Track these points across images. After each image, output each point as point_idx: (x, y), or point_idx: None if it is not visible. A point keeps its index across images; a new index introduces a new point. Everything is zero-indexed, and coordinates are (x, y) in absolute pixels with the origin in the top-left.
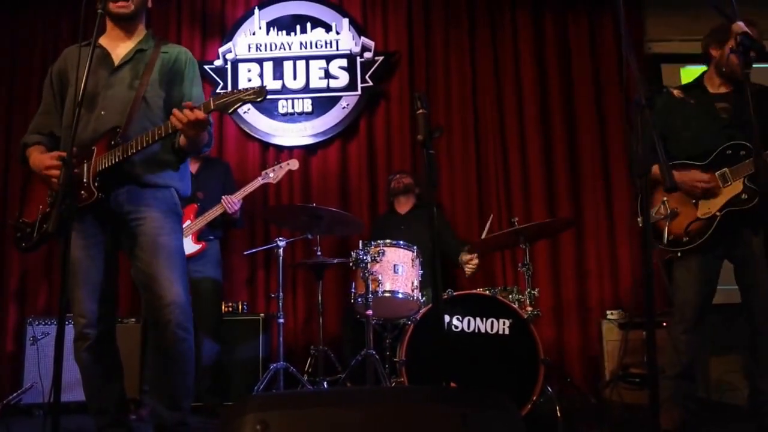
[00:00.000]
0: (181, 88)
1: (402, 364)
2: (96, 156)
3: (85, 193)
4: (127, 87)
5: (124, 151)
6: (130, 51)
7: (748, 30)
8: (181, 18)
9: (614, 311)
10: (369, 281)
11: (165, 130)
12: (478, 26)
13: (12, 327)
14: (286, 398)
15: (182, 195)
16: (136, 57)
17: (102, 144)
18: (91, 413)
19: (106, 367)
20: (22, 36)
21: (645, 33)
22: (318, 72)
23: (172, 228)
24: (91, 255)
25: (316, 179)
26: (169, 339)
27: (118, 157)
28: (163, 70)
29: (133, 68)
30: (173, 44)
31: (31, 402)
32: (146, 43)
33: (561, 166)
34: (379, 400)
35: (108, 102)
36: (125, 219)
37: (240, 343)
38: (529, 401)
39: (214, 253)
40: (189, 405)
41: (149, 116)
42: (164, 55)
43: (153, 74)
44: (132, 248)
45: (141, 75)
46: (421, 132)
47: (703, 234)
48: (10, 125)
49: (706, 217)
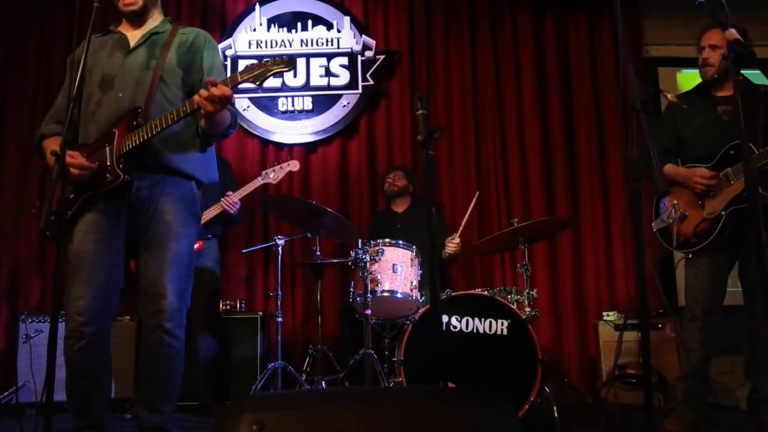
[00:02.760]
0: (201, 67)
1: (400, 364)
2: (118, 138)
3: (110, 176)
4: (144, 67)
5: (148, 130)
6: (145, 34)
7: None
8: (181, 13)
9: (611, 312)
10: (368, 281)
11: (190, 107)
12: (478, 27)
13: (4, 324)
14: (282, 398)
15: (205, 182)
16: (151, 39)
17: (123, 126)
18: (71, 411)
19: (97, 369)
20: (17, 26)
21: (643, 36)
22: (319, 70)
23: (186, 233)
24: (100, 249)
25: (316, 177)
26: (155, 343)
27: (142, 137)
28: (181, 49)
29: (148, 49)
30: (192, 27)
31: (23, 401)
32: (162, 26)
33: (560, 167)
34: (374, 401)
35: (125, 83)
36: (141, 213)
37: (238, 341)
38: (527, 401)
39: (212, 251)
40: (171, 409)
41: (168, 96)
42: (182, 35)
43: (170, 54)
44: (140, 246)
45: (158, 55)
46: (421, 133)
47: (710, 233)
48: (4, 116)
49: (711, 216)
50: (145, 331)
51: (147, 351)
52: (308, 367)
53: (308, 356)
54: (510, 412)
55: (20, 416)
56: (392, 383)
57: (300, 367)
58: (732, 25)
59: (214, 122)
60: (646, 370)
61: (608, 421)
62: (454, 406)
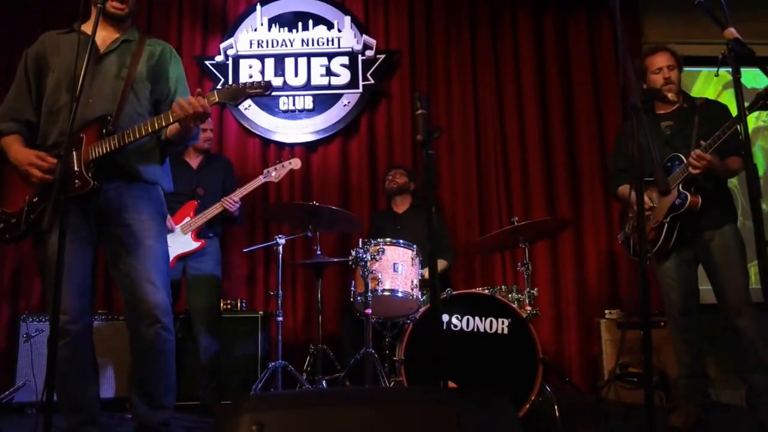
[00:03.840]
0: (167, 83)
1: (401, 363)
2: (86, 144)
3: (78, 182)
4: (115, 76)
5: (120, 139)
6: (116, 40)
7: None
8: (183, 12)
9: (612, 311)
10: (368, 280)
11: (166, 120)
12: (478, 26)
13: (5, 324)
14: (281, 398)
15: (167, 191)
16: (122, 47)
17: (92, 132)
18: (63, 411)
19: (83, 364)
20: (19, 27)
21: (642, 36)
22: (319, 69)
23: (159, 230)
24: (73, 249)
25: (316, 176)
26: (153, 339)
27: (114, 145)
28: (150, 62)
29: (119, 57)
30: (157, 39)
31: (23, 400)
32: (131, 34)
33: (560, 166)
34: (374, 401)
35: (95, 90)
36: (112, 216)
37: (239, 341)
38: (528, 400)
39: (213, 251)
40: (172, 403)
41: (137, 107)
42: (149, 47)
43: (140, 66)
44: (117, 248)
45: (129, 65)
46: (421, 132)
47: (657, 241)
48: None
49: (656, 225)
50: (138, 330)
51: (145, 348)
52: (309, 366)
53: (309, 355)
54: (510, 411)
55: (21, 415)
56: (393, 382)
57: (300, 367)
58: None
59: (186, 134)
60: (647, 368)
61: (609, 420)
62: (454, 405)
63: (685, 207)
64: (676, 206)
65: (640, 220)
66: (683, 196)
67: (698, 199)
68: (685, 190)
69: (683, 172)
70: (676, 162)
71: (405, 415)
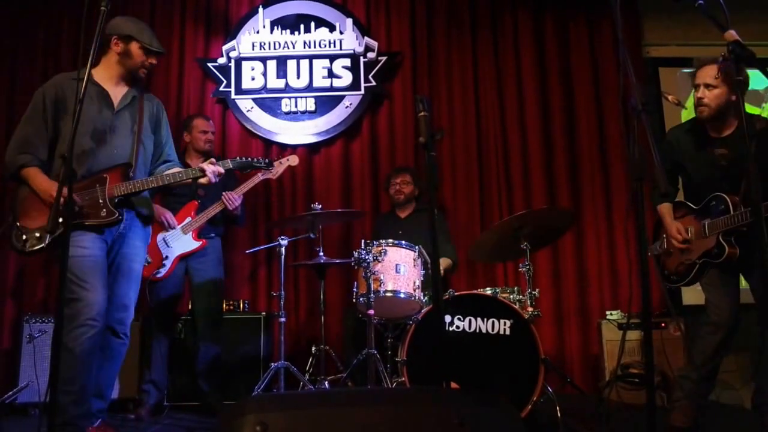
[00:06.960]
0: (159, 135)
1: (403, 364)
2: (110, 183)
3: (105, 211)
4: (129, 130)
5: (143, 184)
6: (126, 95)
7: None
8: (185, 15)
9: (614, 312)
10: (371, 281)
11: (187, 176)
12: (479, 28)
13: (8, 324)
14: (285, 399)
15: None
16: (132, 102)
17: (115, 174)
18: (69, 401)
19: (93, 361)
20: (24, 18)
21: (643, 37)
22: (321, 71)
23: (143, 256)
24: (104, 256)
25: (319, 178)
26: (115, 341)
27: (138, 188)
28: (150, 117)
29: (131, 113)
30: (149, 95)
31: (26, 401)
32: (136, 89)
33: (562, 168)
34: (376, 402)
35: (118, 142)
36: (118, 239)
37: (241, 341)
38: (530, 401)
39: (215, 251)
40: (110, 395)
41: (144, 157)
42: (147, 103)
43: (144, 121)
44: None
45: (137, 120)
46: (423, 134)
47: (685, 277)
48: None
49: (688, 263)
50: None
51: (106, 348)
52: (311, 367)
53: (311, 356)
54: (513, 412)
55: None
56: (395, 383)
57: (303, 367)
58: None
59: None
60: (649, 369)
61: (611, 421)
62: (457, 406)
63: (722, 258)
64: (713, 254)
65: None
66: (721, 247)
67: (736, 251)
68: (724, 240)
69: (727, 223)
70: (721, 206)
71: (408, 415)
